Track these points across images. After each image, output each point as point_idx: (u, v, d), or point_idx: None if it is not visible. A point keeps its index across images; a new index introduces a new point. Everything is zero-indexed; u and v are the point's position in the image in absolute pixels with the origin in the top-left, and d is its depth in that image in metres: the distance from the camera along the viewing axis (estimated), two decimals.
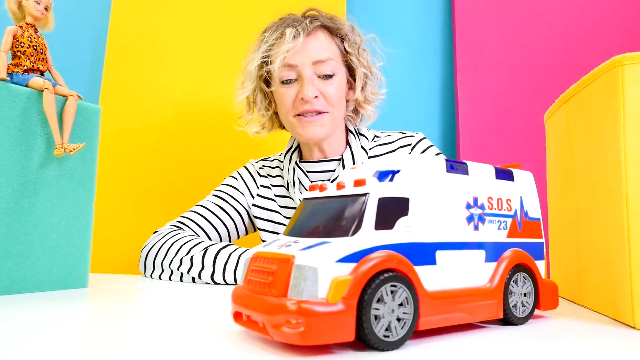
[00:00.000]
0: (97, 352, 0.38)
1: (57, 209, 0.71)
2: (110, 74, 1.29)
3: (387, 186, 0.43)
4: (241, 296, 0.42)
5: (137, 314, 0.54)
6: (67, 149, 0.69)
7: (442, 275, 0.45)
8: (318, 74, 0.91)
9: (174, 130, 1.30)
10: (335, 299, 0.37)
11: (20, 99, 0.67)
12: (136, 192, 1.27)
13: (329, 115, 0.92)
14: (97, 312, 0.56)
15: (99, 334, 0.45)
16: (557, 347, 0.42)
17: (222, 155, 1.29)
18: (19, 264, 0.66)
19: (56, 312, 0.54)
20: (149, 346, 0.40)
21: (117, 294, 0.69)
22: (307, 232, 0.44)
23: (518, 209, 0.53)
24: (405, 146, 1.00)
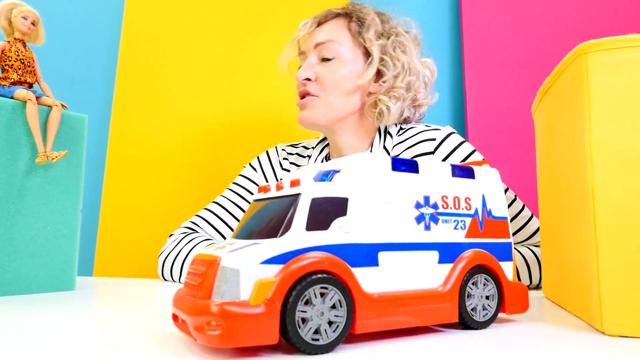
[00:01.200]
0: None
1: (43, 214, 0.73)
2: (123, 81, 1.33)
3: (323, 186, 0.42)
4: (178, 298, 0.42)
5: (96, 316, 0.56)
6: (49, 157, 0.71)
7: (385, 277, 0.43)
8: (319, 57, 0.90)
9: (184, 135, 1.32)
10: (257, 301, 0.37)
11: (5, 110, 0.70)
12: (147, 196, 1.30)
13: (320, 99, 0.88)
14: (70, 314, 0.57)
15: (58, 336, 0.46)
16: (504, 353, 0.40)
17: (233, 158, 1.30)
18: (6, 267, 0.69)
19: (36, 315, 0.55)
20: (77, 347, 0.41)
21: (97, 298, 0.70)
22: (246, 234, 0.44)
23: (479, 207, 0.51)
24: (428, 140, 0.89)
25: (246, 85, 1.34)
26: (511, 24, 1.47)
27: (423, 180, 0.48)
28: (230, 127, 1.32)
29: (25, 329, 0.48)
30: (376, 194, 0.44)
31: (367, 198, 0.44)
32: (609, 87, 0.47)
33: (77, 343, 0.42)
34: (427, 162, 0.49)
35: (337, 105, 0.89)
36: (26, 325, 0.50)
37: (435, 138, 0.90)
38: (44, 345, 0.41)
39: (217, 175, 1.29)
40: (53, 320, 0.52)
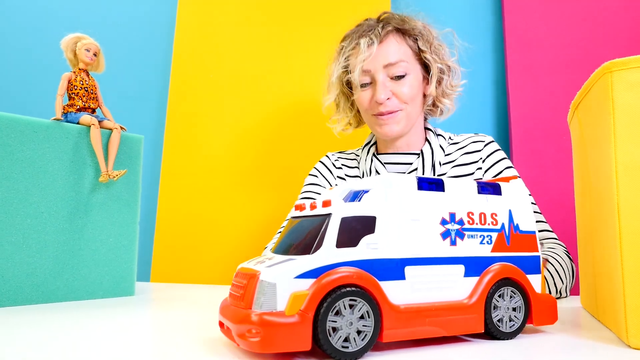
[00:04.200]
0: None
1: (105, 227, 0.81)
2: (175, 99, 1.42)
3: (352, 206, 0.46)
4: (224, 307, 0.47)
5: (151, 320, 0.62)
6: (111, 175, 0.79)
7: (411, 290, 0.47)
8: (390, 75, 0.96)
9: (234, 147, 1.39)
10: (292, 311, 0.41)
11: (72, 134, 0.78)
12: (200, 205, 1.38)
13: (403, 112, 0.96)
14: (129, 318, 0.64)
15: (116, 338, 0.52)
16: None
17: (282, 167, 1.36)
18: (74, 275, 0.77)
19: (99, 318, 0.62)
20: (133, 348, 0.46)
21: (153, 302, 0.77)
22: (284, 249, 0.48)
23: (506, 222, 0.53)
24: (477, 142, 1.02)
25: (295, 95, 1.39)
26: (554, 25, 1.44)
27: (448, 197, 0.50)
28: (279, 137, 1.38)
29: (89, 331, 0.55)
30: (402, 212, 0.47)
31: (393, 216, 0.47)
32: (633, 105, 0.48)
33: (133, 344, 0.48)
34: (453, 180, 0.52)
35: (413, 115, 0.99)
36: (90, 327, 0.56)
37: (483, 140, 1.03)
38: (103, 345, 0.47)
39: (267, 182, 1.35)
40: (114, 323, 0.58)
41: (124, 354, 0.45)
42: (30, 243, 0.73)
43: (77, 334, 0.53)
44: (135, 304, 0.75)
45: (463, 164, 0.99)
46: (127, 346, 0.48)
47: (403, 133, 0.99)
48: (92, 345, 0.48)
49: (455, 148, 1.03)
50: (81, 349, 0.47)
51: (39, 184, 0.74)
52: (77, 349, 0.47)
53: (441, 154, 1.01)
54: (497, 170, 0.98)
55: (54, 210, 0.76)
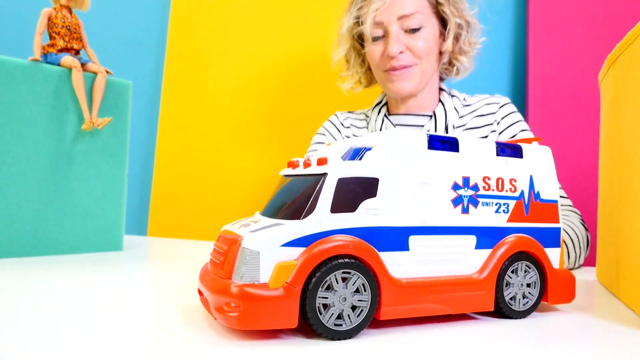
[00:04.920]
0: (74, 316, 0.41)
1: (90, 178, 0.76)
2: (174, 44, 1.33)
3: (351, 165, 0.40)
4: (203, 273, 0.42)
5: (133, 279, 0.57)
6: (95, 124, 0.73)
7: (415, 262, 0.41)
8: (404, 28, 0.89)
9: (237, 96, 1.31)
10: (276, 284, 0.36)
11: (52, 77, 0.72)
12: (199, 158, 1.32)
13: (417, 67, 0.90)
14: (108, 275, 0.60)
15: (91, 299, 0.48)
16: (539, 347, 0.37)
17: (287, 121, 1.29)
18: (57, 228, 0.73)
19: (74, 274, 0.58)
20: (100, 309, 0.42)
21: (140, 260, 0.73)
22: (272, 211, 0.43)
23: (526, 189, 0.47)
24: (491, 104, 0.95)
25: (303, 45, 1.30)
26: None
27: (463, 159, 0.44)
28: (285, 90, 1.30)
29: (62, 287, 0.50)
30: (409, 174, 0.41)
31: (399, 178, 0.41)
32: None
33: (101, 305, 0.43)
34: (469, 139, 0.45)
35: (428, 71, 0.92)
36: (64, 283, 0.52)
37: (498, 102, 0.95)
38: (70, 304, 0.43)
39: (271, 136, 1.28)
40: (89, 281, 0.54)
41: (86, 315, 0.40)
42: (8, 194, 0.68)
43: (49, 289, 0.49)
44: (119, 261, 0.70)
45: (475, 127, 0.92)
46: (94, 307, 0.43)
47: (416, 91, 0.92)
48: (58, 302, 0.44)
49: (469, 111, 0.95)
50: (48, 305, 0.42)
51: (16, 131, 0.69)
52: (45, 304, 0.42)
53: (455, 116, 0.94)
54: (511, 133, 0.91)
55: (33, 160, 0.70)
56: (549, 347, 0.37)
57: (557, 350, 0.37)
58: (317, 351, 0.35)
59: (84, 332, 0.37)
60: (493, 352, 0.35)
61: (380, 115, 0.98)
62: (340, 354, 0.34)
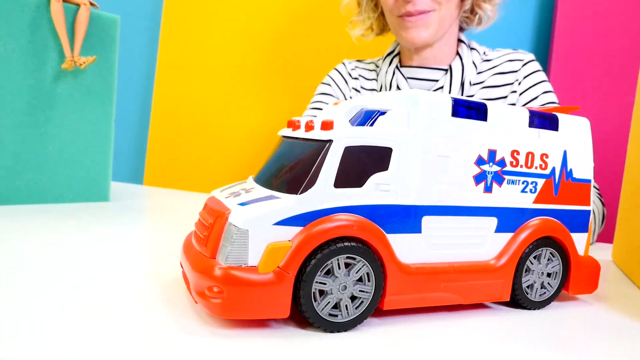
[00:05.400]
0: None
1: (74, 123, 0.70)
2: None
3: (361, 132, 0.34)
4: (187, 245, 0.37)
5: (112, 239, 0.53)
6: (77, 62, 0.66)
7: (428, 246, 0.36)
8: None
9: (239, 41, 1.22)
10: (267, 268, 0.31)
11: (29, 8, 0.64)
12: (198, 105, 1.25)
13: (435, 13, 0.81)
14: (85, 232, 0.55)
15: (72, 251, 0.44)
16: (553, 345, 0.32)
17: (290, 67, 1.21)
18: (38, 176, 0.68)
19: (48, 227, 0.54)
20: (69, 277, 0.37)
21: (126, 213, 0.68)
22: (267, 179, 0.37)
23: (557, 166, 0.41)
24: (514, 61, 0.86)
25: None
26: None
27: (491, 129, 0.38)
28: (290, 36, 1.21)
29: (33, 239, 0.46)
30: (429, 144, 0.35)
31: (416, 149, 0.35)
32: None
33: (68, 269, 0.39)
34: (501, 106, 0.39)
35: (446, 18, 0.82)
36: (36, 236, 0.47)
37: (522, 59, 0.86)
38: (35, 260, 0.39)
39: (274, 84, 1.20)
40: (64, 235, 0.49)
41: (49, 278, 0.36)
42: None
43: (19, 241, 0.44)
44: (103, 213, 0.66)
45: (494, 85, 0.84)
46: (59, 269, 0.39)
47: (432, 41, 0.83)
48: (24, 259, 0.39)
49: (488, 66, 0.87)
50: (15, 257, 0.38)
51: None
52: (12, 256, 0.38)
53: (473, 71, 0.85)
54: (532, 94, 0.83)
55: (9, 101, 0.64)
56: (564, 348, 0.33)
57: (573, 351, 0.32)
58: (308, 345, 0.30)
59: (40, 305, 0.33)
60: (500, 351, 0.31)
61: (392, 67, 0.90)
62: (333, 348, 0.30)
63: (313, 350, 0.30)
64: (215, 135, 1.23)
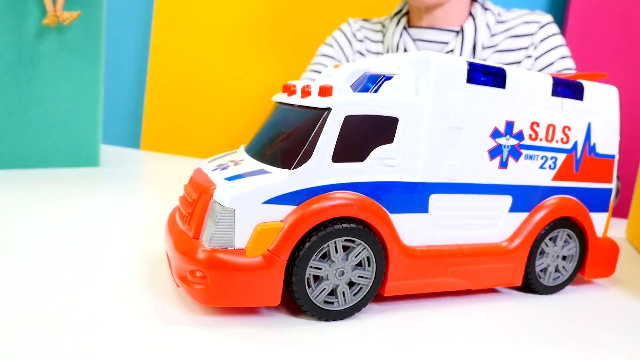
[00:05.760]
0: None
1: (60, 84, 0.66)
2: None
3: (364, 99, 0.30)
4: (172, 220, 0.34)
5: (96, 211, 0.50)
6: (60, 18, 0.61)
7: (435, 227, 0.33)
8: None
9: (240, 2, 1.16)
10: (255, 251, 0.28)
11: None
12: (195, 67, 1.19)
13: None
14: (69, 201, 0.52)
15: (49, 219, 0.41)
16: (563, 337, 0.30)
17: (292, 29, 1.15)
18: (22, 140, 0.64)
19: (36, 193, 0.51)
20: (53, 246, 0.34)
21: (115, 180, 0.65)
22: (258, 150, 0.33)
23: (580, 140, 0.37)
24: (530, 23, 0.81)
25: None
26: None
27: (509, 98, 0.34)
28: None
29: (12, 206, 0.43)
30: (440, 114, 0.31)
31: (425, 119, 0.31)
32: None
33: (49, 245, 0.36)
34: (520, 72, 0.35)
35: None
36: (17, 202, 0.44)
37: (539, 21, 0.81)
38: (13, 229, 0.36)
39: (274, 45, 1.14)
40: (46, 203, 0.46)
41: (24, 257, 0.33)
42: None
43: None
44: (90, 180, 0.62)
45: (508, 49, 0.79)
46: (38, 246, 0.36)
47: (441, 2, 0.78)
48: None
49: (503, 28, 0.81)
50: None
51: None
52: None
53: (486, 34, 0.80)
54: (548, 60, 0.78)
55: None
56: (578, 340, 0.30)
57: (588, 343, 0.29)
58: (300, 335, 0.27)
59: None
60: (509, 343, 0.28)
61: (399, 27, 0.84)
62: (328, 339, 0.27)
63: (305, 342, 0.27)
64: (214, 97, 1.18)
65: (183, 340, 0.26)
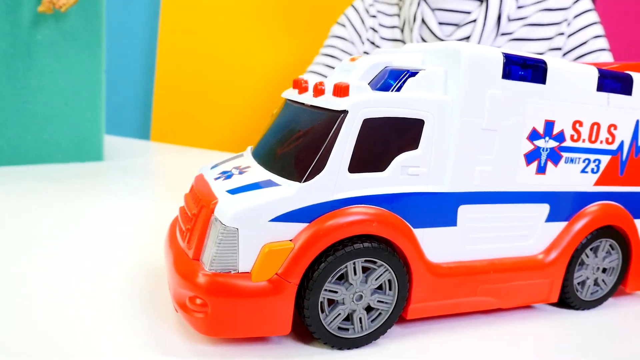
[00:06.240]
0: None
1: (59, 74, 0.63)
2: None
3: (385, 99, 0.26)
4: (172, 232, 0.31)
5: (104, 208, 0.47)
6: (56, 4, 0.57)
7: (464, 240, 0.29)
8: None
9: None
10: (262, 275, 0.24)
11: None
12: (204, 54, 1.15)
13: None
14: (63, 202, 0.49)
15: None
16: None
17: (305, 14, 1.10)
18: (22, 135, 0.62)
19: (30, 193, 0.48)
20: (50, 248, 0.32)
21: (118, 175, 0.62)
22: (265, 154, 0.30)
23: (627, 140, 0.33)
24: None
25: None
26: None
27: (550, 94, 0.30)
28: None
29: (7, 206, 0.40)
30: (471, 115, 0.28)
31: (454, 122, 0.27)
32: None
33: (45, 254, 0.33)
34: (563, 63, 0.30)
35: None
36: (13, 202, 0.42)
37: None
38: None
39: (284, 27, 1.10)
40: (40, 205, 0.44)
41: (16, 270, 0.30)
42: None
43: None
44: (93, 177, 0.59)
45: (538, 23, 0.72)
46: (32, 255, 0.33)
47: None
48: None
49: (533, 0, 0.75)
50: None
51: None
52: None
53: (513, 4, 0.73)
54: (581, 39, 0.71)
55: None
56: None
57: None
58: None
59: None
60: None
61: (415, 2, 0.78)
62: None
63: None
64: (225, 86, 1.14)
65: None
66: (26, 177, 0.56)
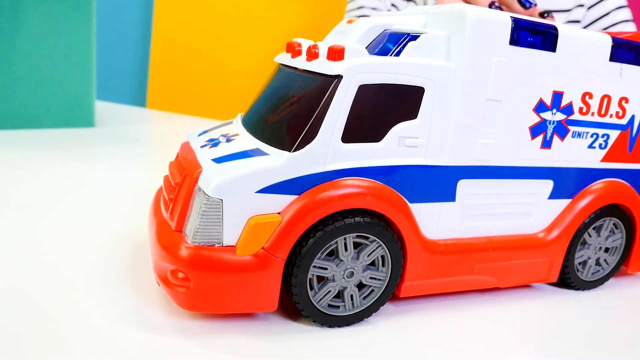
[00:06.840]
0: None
1: (47, 36, 0.60)
2: None
3: (382, 64, 0.24)
4: (157, 202, 0.29)
5: (91, 175, 0.46)
6: None
7: (462, 217, 0.28)
8: None
9: None
10: (247, 249, 0.23)
11: None
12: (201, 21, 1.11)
13: None
14: (52, 169, 0.48)
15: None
16: (588, 351, 0.25)
17: None
18: (10, 99, 0.60)
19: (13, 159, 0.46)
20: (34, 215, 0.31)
21: (108, 144, 0.60)
22: (255, 122, 0.28)
23: (638, 114, 0.31)
24: None
25: None
26: None
27: (560, 64, 0.28)
28: None
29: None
30: (475, 84, 0.26)
31: (456, 90, 0.25)
32: None
33: (30, 223, 0.32)
34: (574, 31, 0.28)
35: None
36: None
37: None
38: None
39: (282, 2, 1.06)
40: (27, 172, 0.42)
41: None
42: None
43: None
44: (81, 144, 0.58)
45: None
46: (15, 225, 0.32)
47: None
48: None
49: None
50: None
51: None
52: None
53: None
54: (603, 10, 0.67)
55: None
56: (617, 347, 0.25)
57: (630, 352, 0.25)
58: (298, 346, 0.23)
59: None
60: (543, 351, 0.24)
61: None
62: (330, 350, 0.23)
63: (304, 354, 0.23)
64: (223, 52, 1.10)
65: (162, 352, 0.22)
66: (13, 141, 0.54)
